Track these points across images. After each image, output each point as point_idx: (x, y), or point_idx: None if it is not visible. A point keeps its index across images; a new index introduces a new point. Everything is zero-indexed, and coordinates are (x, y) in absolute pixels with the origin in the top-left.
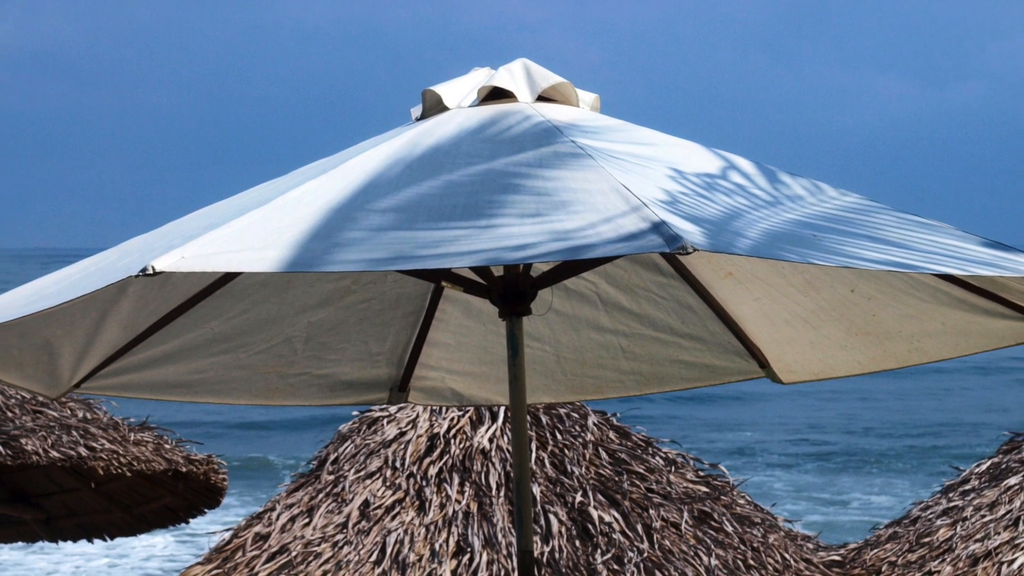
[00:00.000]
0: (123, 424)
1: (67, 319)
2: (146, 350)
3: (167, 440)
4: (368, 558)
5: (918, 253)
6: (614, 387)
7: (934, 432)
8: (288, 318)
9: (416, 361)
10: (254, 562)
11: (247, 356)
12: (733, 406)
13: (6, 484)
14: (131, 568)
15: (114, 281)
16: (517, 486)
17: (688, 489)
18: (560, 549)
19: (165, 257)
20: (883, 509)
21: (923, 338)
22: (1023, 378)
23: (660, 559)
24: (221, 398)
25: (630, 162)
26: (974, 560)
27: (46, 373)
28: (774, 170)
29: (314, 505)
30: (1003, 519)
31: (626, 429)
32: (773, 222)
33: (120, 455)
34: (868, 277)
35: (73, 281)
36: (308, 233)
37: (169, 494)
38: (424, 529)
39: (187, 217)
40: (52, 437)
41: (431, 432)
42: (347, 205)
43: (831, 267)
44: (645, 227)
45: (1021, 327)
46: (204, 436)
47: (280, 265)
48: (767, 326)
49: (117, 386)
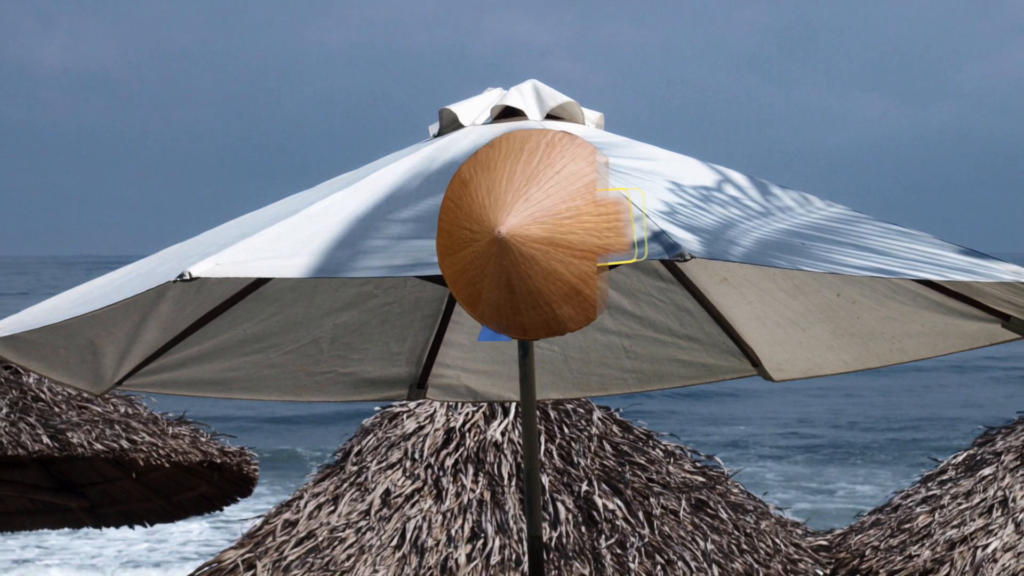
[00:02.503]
0: (162, 418)
1: (110, 321)
2: (183, 350)
3: (203, 433)
4: (389, 543)
5: (899, 260)
6: (617, 384)
7: (914, 426)
8: (315, 320)
9: (434, 360)
10: (283, 547)
11: (277, 355)
12: (728, 402)
13: (54, 474)
14: (169, 552)
15: (154, 286)
16: (527, 476)
17: (686, 479)
18: (567, 535)
19: (201, 264)
20: (867, 498)
21: (904, 339)
22: (997, 376)
23: (660, 544)
24: (253, 394)
25: (631, 176)
26: (951, 545)
27: (91, 371)
28: (766, 183)
29: (339, 494)
30: (978, 507)
31: (628, 423)
32: (765, 231)
33: (159, 447)
34: (853, 282)
35: (116, 286)
36: (333, 242)
37: (205, 484)
38: (441, 516)
39: (221, 226)
40: (96, 431)
41: (447, 426)
42: (369, 215)
43: (818, 273)
44: (646, 236)
45: (994, 329)
46: (237, 430)
47: (307, 271)
48: (759, 328)
49: (156, 383)
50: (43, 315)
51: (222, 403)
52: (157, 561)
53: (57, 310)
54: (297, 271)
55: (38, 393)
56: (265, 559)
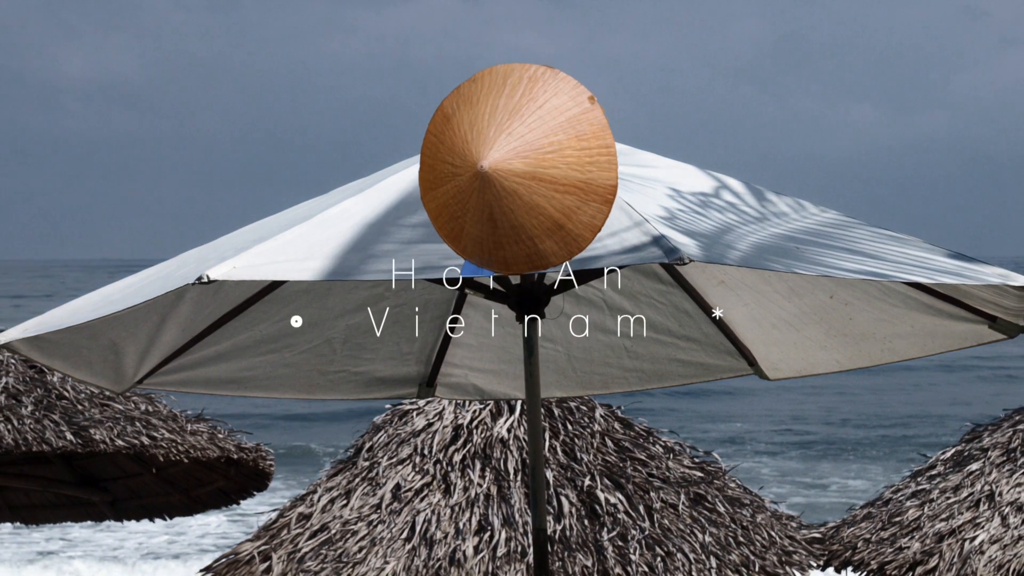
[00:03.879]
0: (181, 416)
1: (131, 322)
2: (201, 350)
3: (220, 430)
4: (400, 535)
5: (890, 263)
6: (619, 383)
7: (904, 423)
8: (328, 321)
9: (442, 360)
10: (298, 539)
11: (291, 355)
12: (725, 400)
13: (77, 469)
14: (188, 544)
15: (173, 288)
16: (532, 471)
17: (685, 474)
18: (571, 527)
19: (219, 267)
20: (859, 492)
21: (894, 339)
22: (984, 375)
23: (660, 536)
24: (268, 393)
25: (633, 183)
26: (940, 537)
27: (112, 370)
28: (761, 189)
29: (351, 488)
30: (965, 501)
31: (629, 420)
32: (760, 236)
33: (178, 443)
34: (845, 285)
35: (136, 288)
36: (346, 246)
37: (222, 478)
38: (449, 510)
39: (238, 231)
40: (118, 427)
41: (455, 423)
42: (380, 221)
43: (812, 276)
44: (647, 240)
45: (981, 329)
46: (253, 427)
47: (321, 274)
48: (755, 328)
49: (175, 382)
50: (67, 316)
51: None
52: (176, 553)
53: (80, 311)
54: (311, 274)
55: (62, 391)
56: (280, 551)
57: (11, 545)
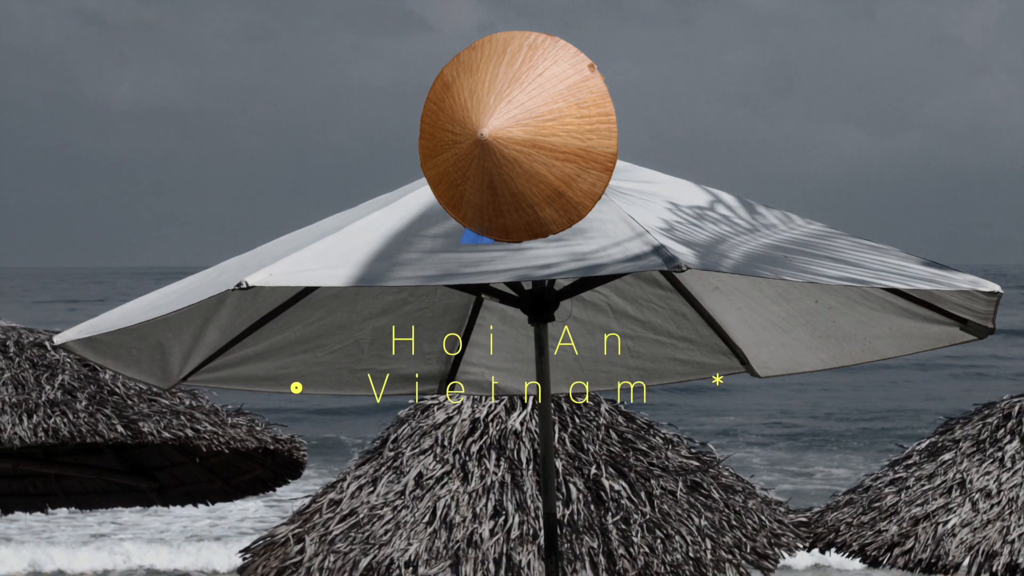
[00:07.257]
0: (222, 410)
1: (176, 324)
2: (241, 350)
3: (258, 423)
4: (422, 519)
5: (870, 271)
6: (622, 380)
7: (883, 417)
8: (356, 324)
9: (461, 359)
10: (329, 523)
11: (323, 355)
12: (719, 396)
13: (126, 459)
14: (228, 527)
15: (215, 294)
16: (543, 461)
17: (682, 463)
18: (578, 512)
19: (256, 274)
20: (841, 480)
21: (874, 340)
22: (956, 373)
23: (659, 520)
24: (302, 389)
25: (635, 197)
26: (915, 521)
27: (159, 368)
28: (752, 203)
29: (377, 476)
30: (939, 487)
31: (632, 414)
32: (752, 246)
33: (219, 435)
34: (829, 290)
35: (181, 294)
36: (373, 255)
37: (259, 467)
38: (467, 496)
39: (274, 241)
40: (164, 420)
41: (473, 417)
42: (404, 232)
43: (799, 282)
44: (647, 250)
45: (954, 331)
46: (288, 420)
47: (350, 280)
48: (747, 330)
49: (217, 379)
50: (117, 319)
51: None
52: (218, 535)
53: (130, 315)
54: (341, 280)
55: (113, 388)
56: (313, 534)
57: (67, 528)
